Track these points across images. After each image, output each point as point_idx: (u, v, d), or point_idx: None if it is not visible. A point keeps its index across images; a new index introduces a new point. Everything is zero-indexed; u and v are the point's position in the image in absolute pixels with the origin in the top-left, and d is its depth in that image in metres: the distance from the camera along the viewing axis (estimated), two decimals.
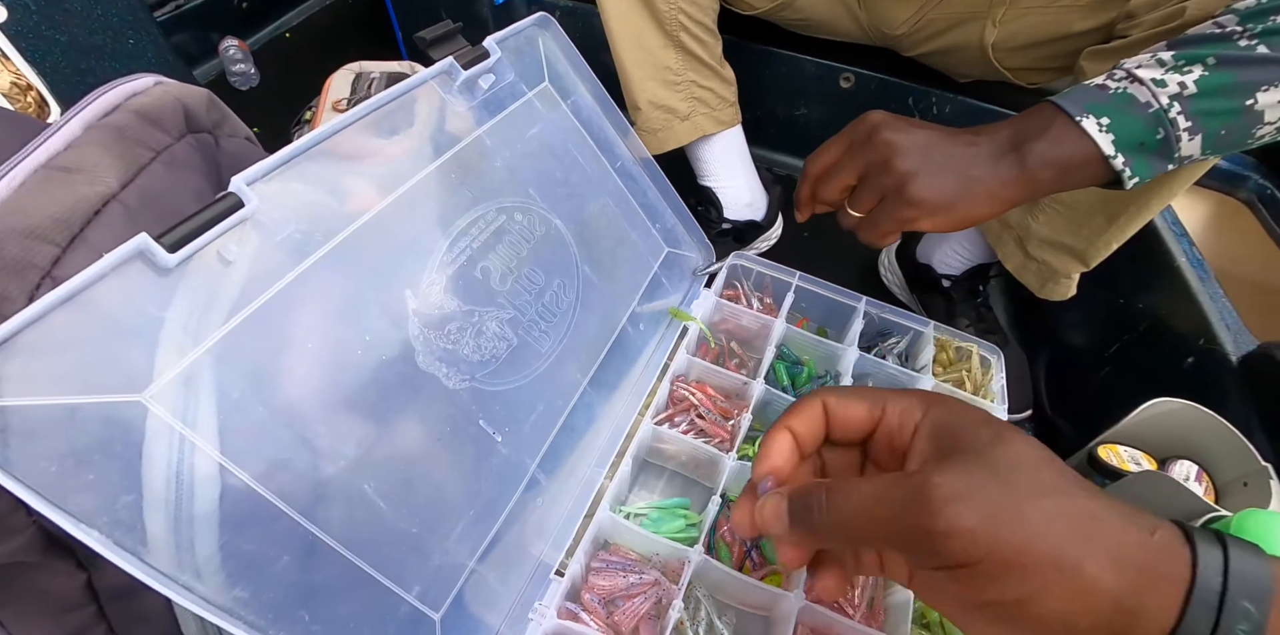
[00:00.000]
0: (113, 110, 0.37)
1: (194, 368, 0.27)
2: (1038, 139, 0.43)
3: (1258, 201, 0.95)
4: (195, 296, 0.27)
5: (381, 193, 0.36)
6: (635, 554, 0.46)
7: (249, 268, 0.29)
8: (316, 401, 0.31)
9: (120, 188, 0.31)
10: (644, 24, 0.80)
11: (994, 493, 0.23)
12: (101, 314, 0.24)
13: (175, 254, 0.26)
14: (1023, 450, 0.25)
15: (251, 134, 0.53)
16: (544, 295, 0.45)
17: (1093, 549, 0.23)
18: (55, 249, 0.27)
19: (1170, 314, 0.76)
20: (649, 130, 0.87)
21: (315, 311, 0.32)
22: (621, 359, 0.51)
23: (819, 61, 1.04)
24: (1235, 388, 0.64)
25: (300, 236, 0.31)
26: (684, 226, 0.60)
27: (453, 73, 0.40)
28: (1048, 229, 0.77)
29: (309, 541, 0.30)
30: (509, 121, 0.45)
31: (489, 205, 0.42)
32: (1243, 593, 0.21)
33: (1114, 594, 0.22)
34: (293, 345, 0.31)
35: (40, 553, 0.29)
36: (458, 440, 0.38)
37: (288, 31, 1.34)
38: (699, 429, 0.52)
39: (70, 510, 0.23)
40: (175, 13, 1.14)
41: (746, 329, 0.59)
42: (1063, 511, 0.23)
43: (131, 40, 0.83)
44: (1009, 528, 0.23)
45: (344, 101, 0.93)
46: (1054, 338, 0.94)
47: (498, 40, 0.43)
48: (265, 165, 0.30)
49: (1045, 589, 0.23)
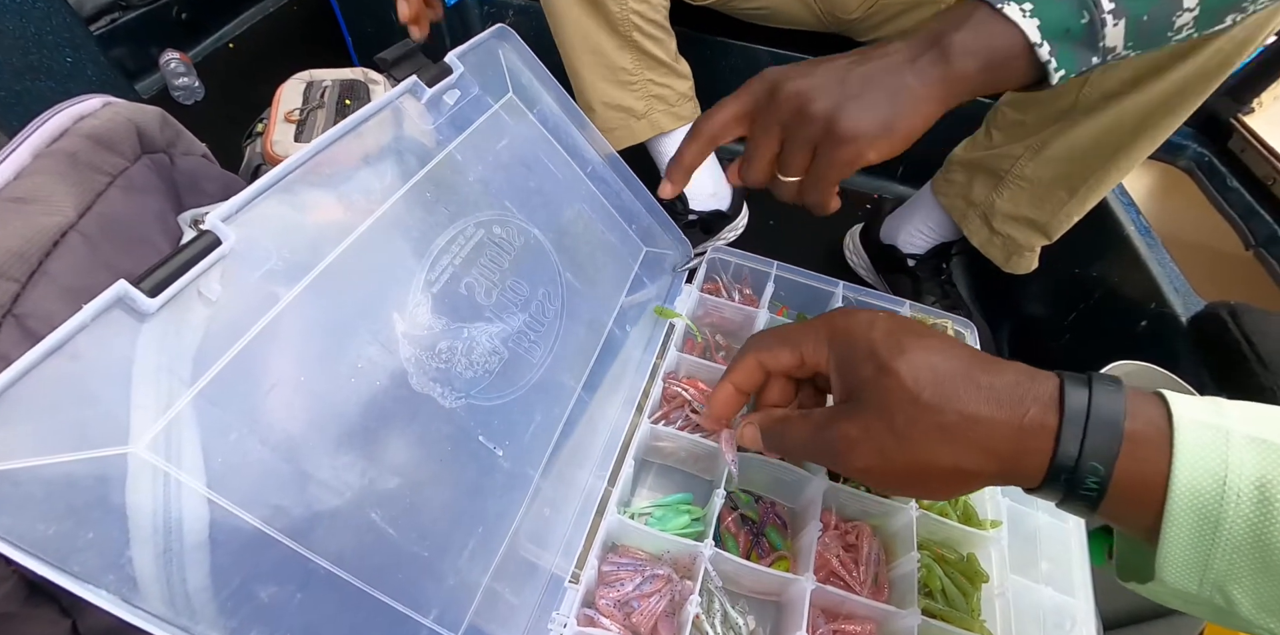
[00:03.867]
0: (61, 135, 0.36)
1: (185, 412, 0.26)
2: (957, 30, 0.40)
3: (1196, 169, 0.99)
4: (180, 339, 0.27)
5: (357, 216, 0.35)
6: (644, 553, 0.46)
7: (232, 305, 0.29)
8: (314, 434, 0.31)
9: (78, 217, 0.30)
10: (594, 26, 0.78)
11: (879, 431, 0.29)
12: (84, 366, 0.24)
13: (156, 298, 0.26)
14: (903, 375, 0.29)
15: (207, 151, 0.52)
16: (529, 306, 0.46)
17: (969, 450, 0.28)
18: (15, 285, 0.26)
19: (1122, 281, 0.79)
20: (604, 130, 0.87)
21: (304, 343, 0.31)
22: (612, 362, 0.52)
23: (773, 51, 1.05)
24: (1186, 347, 0.67)
25: (281, 268, 0.31)
26: (659, 224, 0.60)
27: (417, 91, 0.40)
28: (1011, 204, 0.80)
29: (320, 575, 0.29)
30: (478, 135, 0.45)
31: (466, 221, 0.42)
32: (1096, 451, 0.26)
33: (994, 471, 0.28)
34: (284, 379, 0.30)
35: (22, 602, 0.29)
36: (459, 459, 0.38)
37: (231, 42, 1.31)
38: (694, 424, 0.52)
39: (73, 571, 0.22)
40: (111, 26, 1.11)
41: (730, 321, 0.60)
42: (940, 427, 0.28)
43: (69, 58, 0.80)
44: (897, 459, 0.29)
45: (296, 112, 0.91)
46: (1015, 310, 0.97)
47: (459, 55, 0.43)
48: (239, 200, 0.29)
49: (941, 483, 0.30)
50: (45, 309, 0.28)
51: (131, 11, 1.13)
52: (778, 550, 0.49)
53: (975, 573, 0.46)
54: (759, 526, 0.50)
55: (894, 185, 1.19)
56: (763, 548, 0.49)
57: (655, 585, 0.44)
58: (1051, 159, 0.75)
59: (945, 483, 0.29)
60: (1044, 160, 0.76)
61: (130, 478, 0.24)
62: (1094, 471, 0.26)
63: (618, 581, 0.44)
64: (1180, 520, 0.25)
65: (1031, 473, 0.28)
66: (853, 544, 0.48)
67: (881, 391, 0.30)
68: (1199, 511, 0.24)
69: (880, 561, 0.47)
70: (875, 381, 0.30)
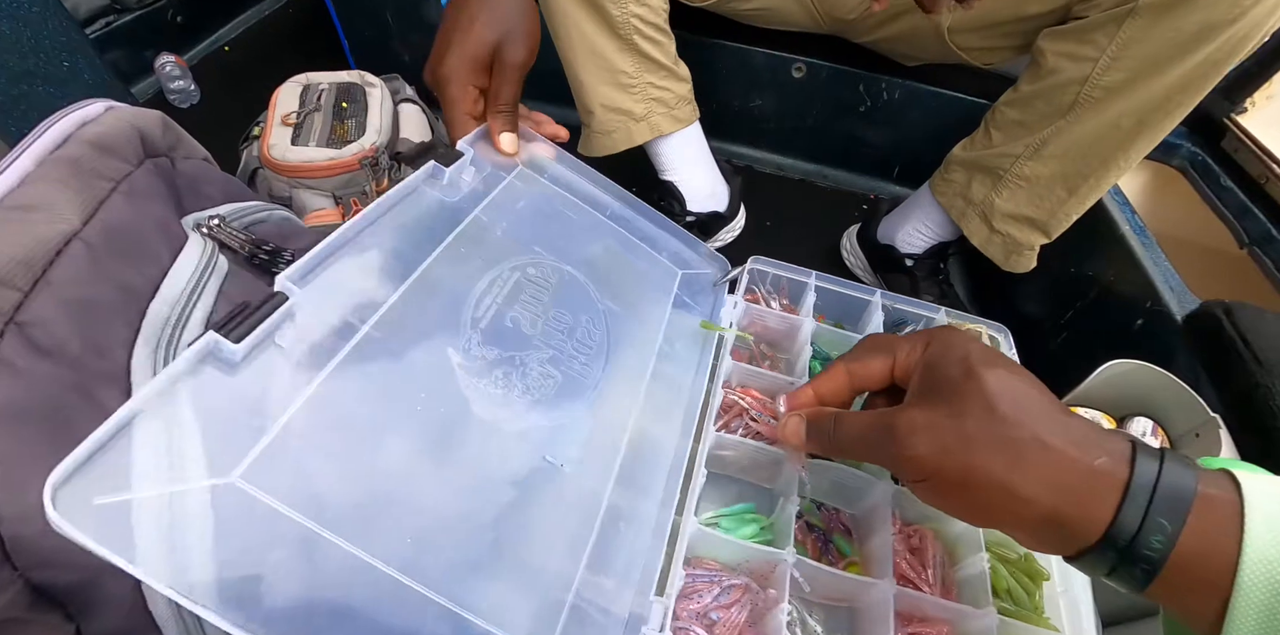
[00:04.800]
0: (65, 141, 0.36)
1: (271, 448, 0.29)
2: None
3: (1190, 168, 1.00)
4: (261, 384, 0.30)
5: (402, 274, 0.39)
6: (718, 563, 0.45)
7: (303, 353, 0.32)
8: (390, 467, 0.33)
9: (82, 225, 0.30)
10: (595, 29, 0.78)
11: (947, 427, 0.29)
12: (180, 411, 0.26)
13: (239, 344, 0.29)
14: (988, 384, 0.29)
15: (208, 154, 0.52)
16: (575, 332, 0.47)
17: (1030, 475, 0.27)
18: (17, 294, 0.26)
19: (1118, 279, 0.80)
20: (604, 132, 0.87)
21: (370, 382, 0.34)
22: (666, 376, 0.52)
23: (769, 53, 1.06)
24: (1181, 345, 0.68)
25: (344, 319, 0.35)
26: (689, 247, 0.62)
27: (436, 173, 0.45)
28: (1010, 203, 0.80)
29: (413, 600, 0.30)
30: (497, 200, 0.49)
31: (501, 267, 0.46)
32: (1163, 511, 0.25)
33: (1048, 508, 0.27)
34: (357, 416, 0.33)
35: (27, 608, 0.29)
36: (531, 480, 0.39)
37: (226, 45, 1.31)
38: (755, 432, 0.52)
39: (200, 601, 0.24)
40: (106, 30, 1.10)
41: (774, 330, 0.60)
42: (1008, 441, 0.28)
43: (66, 62, 0.80)
44: (956, 456, 0.28)
45: (293, 115, 0.91)
46: (1012, 309, 0.97)
47: (469, 142, 0.47)
48: (304, 264, 0.33)
49: (987, 502, 0.28)
50: (47, 318, 0.28)
51: (126, 14, 1.13)
52: (846, 556, 0.48)
53: (1036, 571, 0.46)
54: (825, 533, 0.50)
55: (890, 185, 1.19)
56: (831, 554, 0.49)
57: (734, 595, 0.43)
58: (1051, 158, 0.75)
59: (989, 501, 0.28)
60: (1043, 159, 0.76)
61: (229, 507, 0.26)
62: (1159, 529, 0.25)
63: (695, 593, 0.43)
64: (1252, 593, 0.23)
65: (1085, 524, 0.26)
66: (917, 547, 0.47)
67: (961, 392, 0.29)
68: (1273, 585, 0.23)
69: (945, 564, 0.47)
70: (958, 383, 0.30)
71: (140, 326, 0.33)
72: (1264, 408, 0.57)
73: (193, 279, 0.36)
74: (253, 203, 0.52)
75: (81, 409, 0.29)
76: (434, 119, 1.06)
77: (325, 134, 0.90)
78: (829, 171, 1.21)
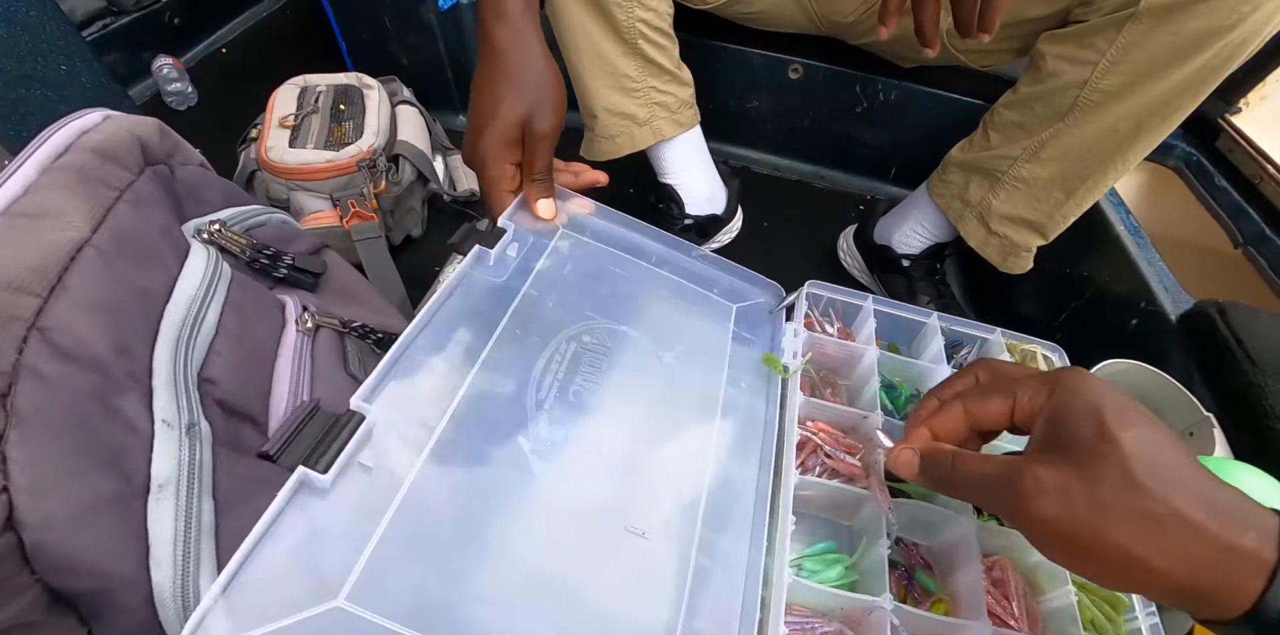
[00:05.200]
0: (66, 150, 0.36)
1: (371, 562, 0.30)
2: None
3: (1185, 168, 1.00)
4: (352, 503, 0.32)
5: (464, 368, 0.41)
6: (808, 609, 0.44)
7: (386, 466, 0.34)
8: (478, 564, 0.34)
9: (91, 232, 0.30)
10: (600, 32, 0.79)
11: (1078, 491, 0.27)
12: (285, 542, 0.29)
13: (327, 474, 0.31)
14: (1125, 448, 0.27)
15: (204, 159, 0.52)
16: (637, 395, 0.48)
17: (1167, 549, 0.26)
18: (37, 300, 0.27)
19: (1113, 280, 0.80)
20: (606, 136, 0.87)
21: (450, 484, 0.36)
22: (736, 421, 0.52)
23: (767, 54, 1.06)
24: (1176, 345, 0.68)
25: (416, 427, 0.37)
26: (740, 278, 0.61)
27: (483, 256, 0.47)
28: (1008, 205, 0.81)
29: None
30: (544, 270, 0.50)
31: (557, 340, 0.47)
32: None
33: (1185, 581, 0.26)
34: (443, 518, 0.35)
35: (44, 612, 0.29)
36: (618, 552, 0.40)
37: (224, 47, 1.31)
38: (831, 469, 0.50)
39: None
40: (103, 32, 1.10)
41: (833, 357, 0.58)
42: (1144, 513, 0.26)
43: (63, 66, 0.80)
44: (1084, 523, 0.27)
45: (291, 117, 0.91)
46: (1008, 310, 0.98)
47: (508, 216, 0.49)
48: (372, 383, 0.35)
49: (1117, 570, 0.27)
50: (68, 322, 0.28)
51: (123, 17, 1.13)
52: (932, 593, 0.46)
53: (1117, 599, 0.45)
54: (908, 569, 0.48)
55: (887, 186, 1.20)
56: (916, 591, 0.47)
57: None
58: (1048, 160, 0.76)
59: (1118, 569, 0.27)
60: (1041, 161, 0.76)
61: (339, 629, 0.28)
62: None
63: None
64: None
65: (1227, 599, 0.25)
66: (999, 579, 0.46)
67: (1095, 456, 0.28)
68: None
69: (1027, 594, 0.46)
70: (1092, 444, 0.28)
71: (159, 328, 0.33)
72: (1258, 407, 0.57)
73: (203, 284, 0.36)
74: (252, 207, 0.53)
75: (104, 416, 0.29)
76: (431, 121, 1.06)
77: (323, 136, 0.90)
78: (826, 172, 1.22)
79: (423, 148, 0.99)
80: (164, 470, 0.30)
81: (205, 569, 0.31)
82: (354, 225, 0.87)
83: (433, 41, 1.10)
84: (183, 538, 0.29)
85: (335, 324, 0.50)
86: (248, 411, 0.38)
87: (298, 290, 0.52)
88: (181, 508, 0.29)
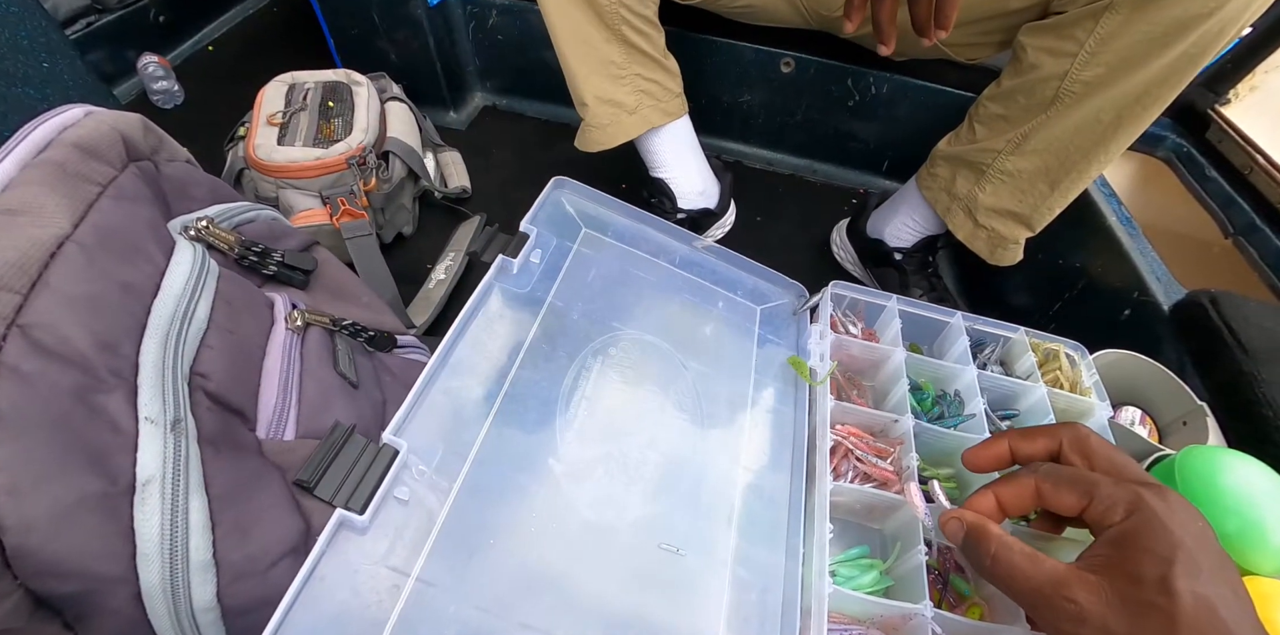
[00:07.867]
0: (47, 146, 0.36)
1: (411, 597, 0.31)
2: None
3: (1175, 159, 1.01)
4: (391, 538, 0.32)
5: (492, 389, 0.41)
6: (845, 616, 0.43)
7: (421, 497, 0.34)
8: (516, 586, 0.35)
9: (73, 228, 0.30)
10: (584, 18, 0.79)
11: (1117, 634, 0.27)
12: (329, 583, 0.30)
13: (364, 514, 0.31)
14: (1179, 605, 0.26)
15: (190, 156, 0.51)
16: (665, 407, 0.47)
17: None
18: (16, 297, 0.26)
19: (1105, 270, 0.80)
20: (597, 126, 0.87)
21: (483, 510, 0.36)
22: (765, 428, 0.51)
23: (758, 48, 1.06)
24: (1168, 334, 0.69)
25: (447, 456, 0.37)
26: (762, 278, 0.60)
27: (505, 265, 0.46)
28: (994, 198, 0.81)
29: None
30: (569, 277, 0.49)
31: (584, 353, 0.46)
32: None
33: None
34: (477, 547, 0.35)
35: (27, 617, 0.29)
36: (652, 571, 0.39)
37: (210, 44, 1.29)
38: (863, 474, 0.50)
39: None
40: (88, 30, 1.09)
41: (858, 359, 0.57)
42: None
43: (46, 63, 0.79)
44: None
45: (279, 115, 0.90)
46: (1001, 301, 0.98)
47: (529, 220, 0.48)
48: (401, 415, 0.35)
49: None
50: (50, 319, 0.28)
51: (108, 14, 1.12)
52: (967, 597, 0.46)
53: None
54: (942, 573, 0.48)
55: (880, 180, 1.20)
56: (950, 595, 0.47)
57: None
58: (1032, 152, 0.76)
59: None
60: (1025, 154, 0.77)
61: None
62: None
63: None
64: None
65: None
66: None
67: (1146, 604, 0.27)
68: None
69: None
70: (1148, 592, 0.27)
71: (147, 322, 0.32)
72: (1250, 395, 0.58)
73: (191, 277, 0.36)
74: (240, 203, 0.52)
75: (87, 414, 0.28)
76: (421, 117, 1.06)
77: (312, 133, 0.89)
78: (818, 166, 1.22)
79: (413, 144, 0.98)
80: (149, 467, 0.30)
81: (195, 565, 0.31)
82: (344, 223, 0.86)
83: (422, 37, 1.09)
84: (169, 534, 0.28)
85: (325, 322, 0.49)
86: (239, 407, 0.38)
87: (288, 288, 0.51)
88: (168, 504, 0.28)
